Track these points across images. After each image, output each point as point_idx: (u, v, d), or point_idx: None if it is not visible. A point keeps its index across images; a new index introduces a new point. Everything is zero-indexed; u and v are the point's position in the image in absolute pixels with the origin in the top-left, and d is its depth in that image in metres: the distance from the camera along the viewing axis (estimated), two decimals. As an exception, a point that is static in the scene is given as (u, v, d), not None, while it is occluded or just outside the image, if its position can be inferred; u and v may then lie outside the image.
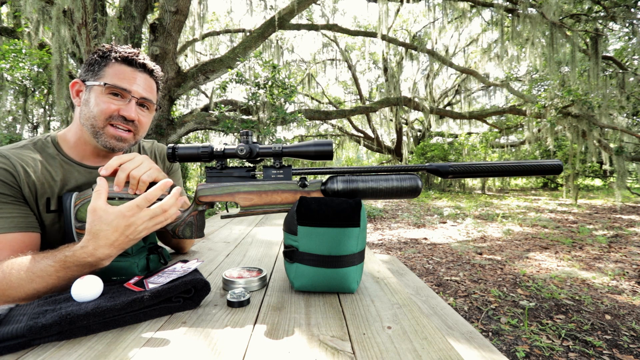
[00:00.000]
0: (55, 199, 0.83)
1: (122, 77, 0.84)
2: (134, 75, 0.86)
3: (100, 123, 0.84)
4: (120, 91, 0.84)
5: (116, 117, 0.84)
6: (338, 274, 0.64)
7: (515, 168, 0.73)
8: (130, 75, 0.85)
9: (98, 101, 0.83)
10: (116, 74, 0.84)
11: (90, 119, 0.84)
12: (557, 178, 13.49)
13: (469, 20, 9.33)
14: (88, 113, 0.84)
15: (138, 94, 0.86)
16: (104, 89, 0.83)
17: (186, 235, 0.79)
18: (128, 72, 0.85)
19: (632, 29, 6.85)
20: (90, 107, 0.84)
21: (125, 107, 0.85)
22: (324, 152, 0.72)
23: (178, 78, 5.34)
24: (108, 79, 0.83)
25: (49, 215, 0.82)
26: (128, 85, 0.84)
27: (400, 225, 6.25)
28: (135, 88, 0.85)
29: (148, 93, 0.89)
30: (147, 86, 0.89)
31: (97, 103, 0.83)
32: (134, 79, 0.86)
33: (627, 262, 3.51)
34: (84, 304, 0.53)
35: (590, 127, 7.12)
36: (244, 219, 1.84)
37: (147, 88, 0.89)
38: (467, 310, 2.43)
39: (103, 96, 0.83)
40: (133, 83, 0.85)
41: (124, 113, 0.84)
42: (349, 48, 14.00)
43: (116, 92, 0.84)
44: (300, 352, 0.45)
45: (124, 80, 0.84)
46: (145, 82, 0.89)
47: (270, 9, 8.07)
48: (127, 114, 0.84)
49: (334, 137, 15.14)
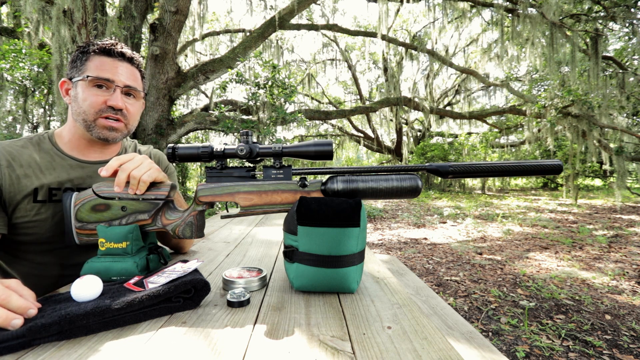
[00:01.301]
0: (44, 190, 0.83)
1: (103, 68, 0.86)
2: (114, 64, 0.88)
3: (91, 117, 0.86)
4: (103, 82, 0.86)
5: (105, 109, 0.87)
6: (338, 274, 0.64)
7: (515, 168, 0.72)
8: (111, 65, 0.87)
9: (85, 95, 0.85)
10: (97, 66, 0.86)
11: (81, 114, 0.87)
12: (557, 178, 13.49)
13: (469, 20, 9.33)
14: (78, 109, 0.87)
15: (121, 83, 0.88)
16: (87, 82, 0.85)
17: (186, 235, 0.79)
18: (108, 62, 0.87)
19: (632, 29, 6.85)
20: (79, 103, 0.86)
21: (111, 97, 0.87)
22: (324, 152, 0.72)
23: (178, 78, 5.33)
24: (90, 71, 0.85)
25: (35, 205, 0.82)
26: (110, 75, 0.86)
27: (400, 225, 6.25)
28: (118, 77, 0.87)
29: (132, 81, 0.91)
30: (130, 74, 0.91)
31: (84, 98, 0.85)
32: (115, 68, 0.87)
33: (627, 262, 3.51)
34: (84, 304, 0.53)
35: (590, 127, 7.12)
36: (244, 219, 1.84)
37: (130, 76, 0.91)
38: (467, 310, 2.43)
39: (88, 90, 0.86)
40: (115, 73, 0.87)
41: (110, 103, 0.86)
42: (349, 48, 14.00)
43: (100, 84, 0.86)
44: (300, 352, 0.45)
45: (106, 71, 0.86)
46: (127, 70, 0.90)
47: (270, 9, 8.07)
48: (114, 103, 0.86)
49: (334, 137, 15.14)
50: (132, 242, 0.73)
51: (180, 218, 0.79)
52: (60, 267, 0.88)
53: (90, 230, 0.75)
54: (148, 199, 0.77)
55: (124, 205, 0.76)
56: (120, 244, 0.72)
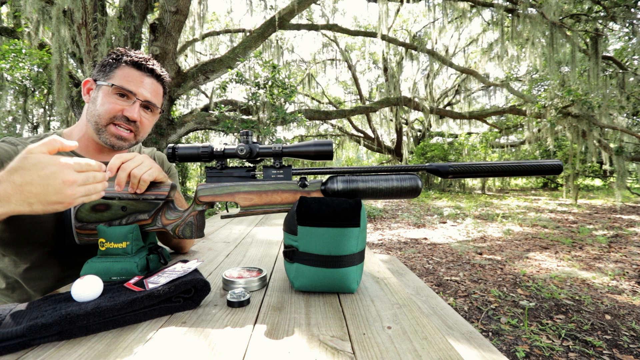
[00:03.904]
0: None
1: (129, 80, 0.88)
2: (141, 79, 0.90)
3: (104, 121, 0.88)
4: (126, 92, 0.88)
5: (120, 117, 0.89)
6: (338, 274, 0.64)
7: (515, 168, 0.72)
8: (138, 79, 0.90)
9: (104, 100, 0.88)
10: (124, 77, 0.88)
11: (95, 116, 0.89)
12: (557, 178, 13.48)
13: (469, 20, 9.33)
14: (94, 110, 0.89)
15: (143, 97, 0.90)
16: (111, 89, 0.87)
17: (186, 235, 0.79)
18: (136, 75, 0.90)
19: (632, 29, 6.85)
20: (96, 106, 0.88)
21: (129, 108, 0.89)
22: (324, 152, 0.72)
23: (178, 78, 5.33)
24: (116, 80, 0.88)
25: None
26: (134, 88, 0.89)
27: (400, 225, 6.25)
28: (141, 91, 0.90)
29: (153, 97, 0.93)
30: (153, 90, 0.93)
31: (103, 102, 0.88)
32: (141, 82, 0.90)
33: (627, 262, 3.51)
34: (84, 303, 0.53)
35: (590, 127, 7.12)
36: (244, 219, 1.84)
37: (153, 92, 0.93)
38: (467, 310, 2.43)
39: (110, 96, 0.88)
40: (140, 86, 0.90)
41: (127, 114, 0.89)
42: (349, 48, 14.00)
43: (122, 93, 0.89)
44: (300, 352, 0.45)
45: (131, 83, 0.88)
46: (152, 86, 0.93)
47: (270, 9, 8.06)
48: (129, 115, 0.89)
49: (334, 137, 15.14)
50: (132, 242, 0.73)
51: (180, 218, 0.79)
52: (61, 267, 0.88)
53: (91, 230, 0.75)
54: (148, 199, 0.77)
55: (124, 205, 0.76)
56: (120, 244, 0.72)
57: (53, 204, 0.55)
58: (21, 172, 0.54)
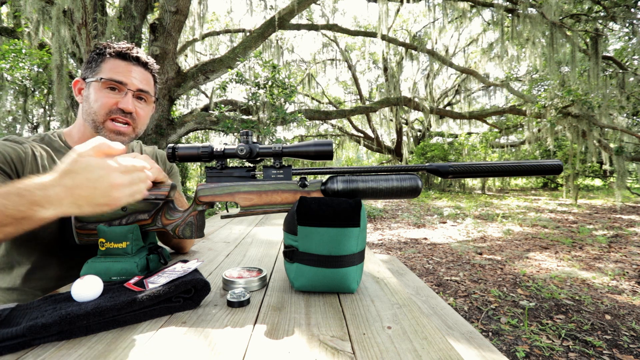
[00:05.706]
0: None
1: (117, 71, 0.87)
2: (128, 68, 0.89)
3: (101, 118, 0.88)
4: (116, 84, 0.87)
5: (115, 110, 0.88)
6: (338, 274, 0.64)
7: (515, 168, 0.72)
8: (125, 69, 0.88)
9: (97, 96, 0.87)
10: (111, 69, 0.87)
11: (91, 114, 0.88)
12: (557, 178, 13.48)
13: (469, 20, 9.33)
14: (89, 109, 0.88)
15: (134, 86, 0.89)
16: (100, 83, 0.87)
17: (186, 235, 0.79)
18: (122, 65, 0.88)
19: (632, 29, 6.85)
20: (90, 103, 0.88)
21: (122, 99, 0.88)
22: (324, 152, 0.72)
23: (178, 78, 5.33)
24: (104, 73, 0.87)
25: None
26: (123, 78, 0.88)
27: (400, 225, 6.25)
28: (131, 80, 0.89)
29: (144, 85, 0.92)
30: (143, 79, 0.92)
31: (96, 98, 0.87)
32: (129, 72, 0.89)
33: (627, 262, 3.51)
34: (84, 304, 0.53)
35: (590, 127, 7.12)
36: (244, 219, 1.84)
37: (143, 80, 0.92)
38: (467, 310, 2.43)
39: (101, 91, 0.87)
40: (128, 76, 0.88)
41: (121, 105, 0.88)
42: (349, 48, 14.00)
43: (113, 86, 0.88)
44: (300, 352, 0.45)
45: (119, 74, 0.87)
46: (141, 74, 0.92)
47: (270, 9, 8.06)
48: (124, 106, 0.88)
49: (334, 137, 15.14)
50: (132, 242, 0.73)
51: (180, 218, 0.79)
52: (61, 267, 0.88)
53: (91, 230, 0.75)
54: (148, 199, 0.77)
55: (124, 205, 0.76)
56: (120, 244, 0.72)
57: (101, 205, 0.57)
58: (72, 175, 0.55)
